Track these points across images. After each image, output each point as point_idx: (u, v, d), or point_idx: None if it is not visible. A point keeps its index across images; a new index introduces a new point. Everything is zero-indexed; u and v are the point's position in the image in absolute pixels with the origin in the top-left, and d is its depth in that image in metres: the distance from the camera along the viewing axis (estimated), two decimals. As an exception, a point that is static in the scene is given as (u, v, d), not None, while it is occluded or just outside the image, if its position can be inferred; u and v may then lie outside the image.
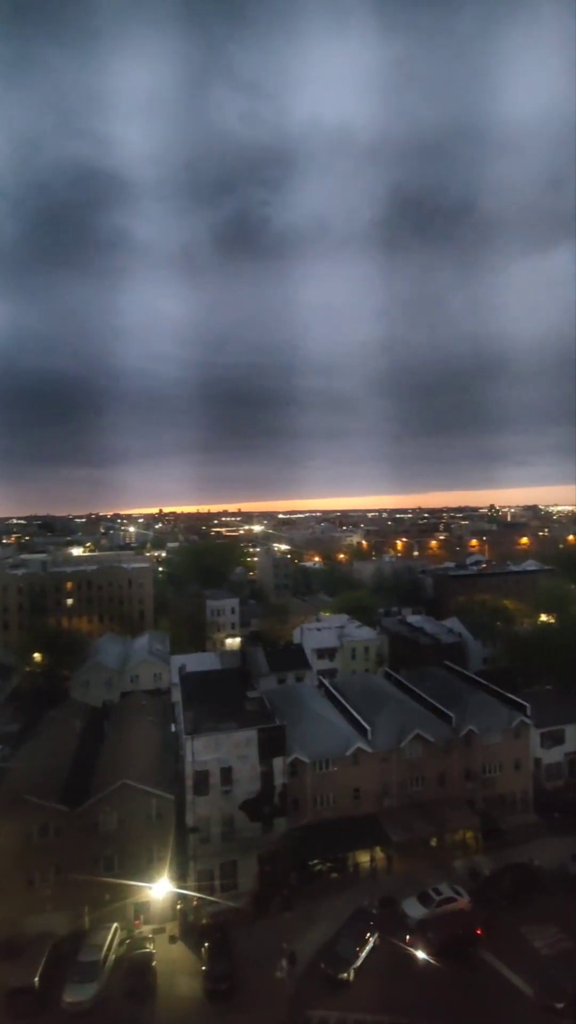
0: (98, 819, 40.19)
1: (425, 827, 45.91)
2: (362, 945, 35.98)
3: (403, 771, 48.14)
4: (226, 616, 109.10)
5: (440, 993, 33.06)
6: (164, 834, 41.36)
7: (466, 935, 36.73)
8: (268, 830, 43.27)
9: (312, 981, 34.36)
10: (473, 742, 50.14)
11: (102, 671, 77.87)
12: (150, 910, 40.25)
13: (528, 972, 34.12)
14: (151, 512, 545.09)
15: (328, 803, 46.14)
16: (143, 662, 79.81)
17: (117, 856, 40.24)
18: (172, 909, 40.41)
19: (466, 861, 45.45)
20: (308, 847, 43.50)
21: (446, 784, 49.31)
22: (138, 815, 40.91)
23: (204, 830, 42.09)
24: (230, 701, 48.27)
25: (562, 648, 72.63)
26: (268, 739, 43.63)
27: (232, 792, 42.67)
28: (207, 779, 42.30)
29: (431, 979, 33.90)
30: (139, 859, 40.54)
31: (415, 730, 48.58)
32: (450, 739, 49.56)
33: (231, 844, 42.35)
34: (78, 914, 39.08)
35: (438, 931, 36.61)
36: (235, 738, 43.03)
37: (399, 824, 45.64)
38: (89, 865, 39.52)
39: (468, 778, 50.02)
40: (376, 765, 47.36)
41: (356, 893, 41.78)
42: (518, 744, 51.80)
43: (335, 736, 48.25)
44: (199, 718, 44.66)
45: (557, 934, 37.17)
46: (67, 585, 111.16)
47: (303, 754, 45.42)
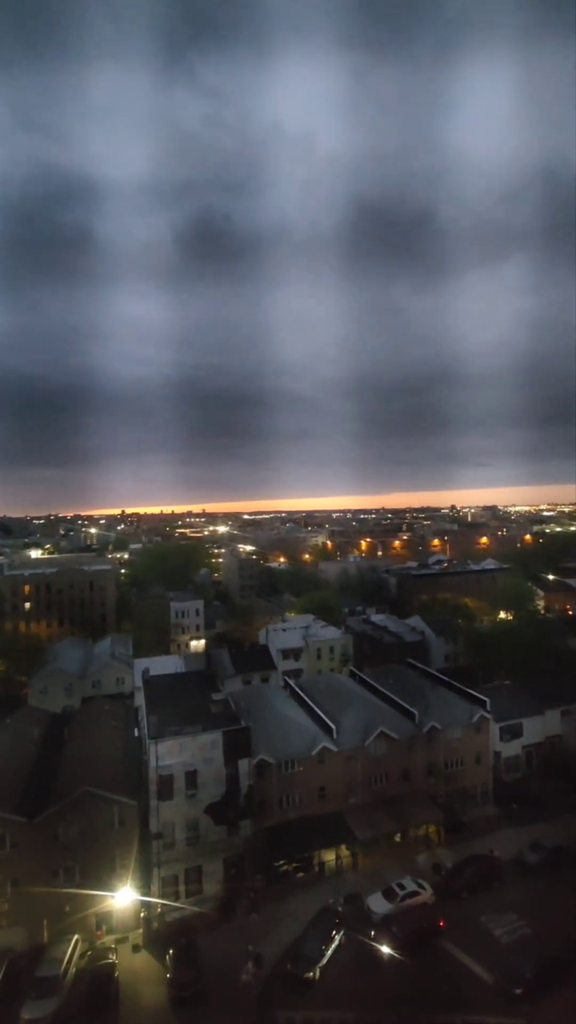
0: (58, 829, 39.05)
1: (390, 823, 46.52)
2: (328, 943, 36.16)
3: (368, 768, 48.66)
4: (190, 618, 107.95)
5: (404, 986, 33.54)
6: (127, 842, 40.54)
7: (429, 928, 37.39)
8: (234, 833, 42.97)
9: (278, 982, 34.32)
10: (435, 738, 51.13)
11: (62, 676, 75.77)
12: (113, 920, 39.36)
13: (488, 960, 35.03)
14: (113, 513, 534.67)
15: (294, 803, 46.19)
16: (105, 666, 78.09)
17: (78, 866, 39.18)
18: (136, 918, 39.65)
19: (429, 855, 46.30)
20: (274, 848, 43.43)
21: (410, 780, 50.12)
22: (100, 823, 39.96)
23: (168, 836, 41.45)
24: (195, 704, 47.75)
25: (520, 644, 75.03)
26: (233, 741, 43.35)
27: (197, 796, 42.18)
28: (171, 783, 41.68)
29: (396, 973, 34.35)
30: (101, 868, 39.61)
31: (379, 728, 49.17)
32: (413, 735, 50.39)
33: (196, 849, 41.86)
34: (36, 928, 37.84)
35: (402, 925, 37.13)
36: (200, 741, 42.57)
37: (364, 821, 46.10)
38: (48, 877, 38.36)
39: (431, 773, 50.98)
40: (341, 764, 47.70)
41: (322, 892, 41.97)
42: (478, 738, 53.13)
43: (301, 736, 48.36)
44: (163, 722, 43.98)
45: (515, 922, 38.30)
46: (25, 588, 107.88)
47: (269, 755, 45.33)
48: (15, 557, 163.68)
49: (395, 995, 32.93)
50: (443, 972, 34.75)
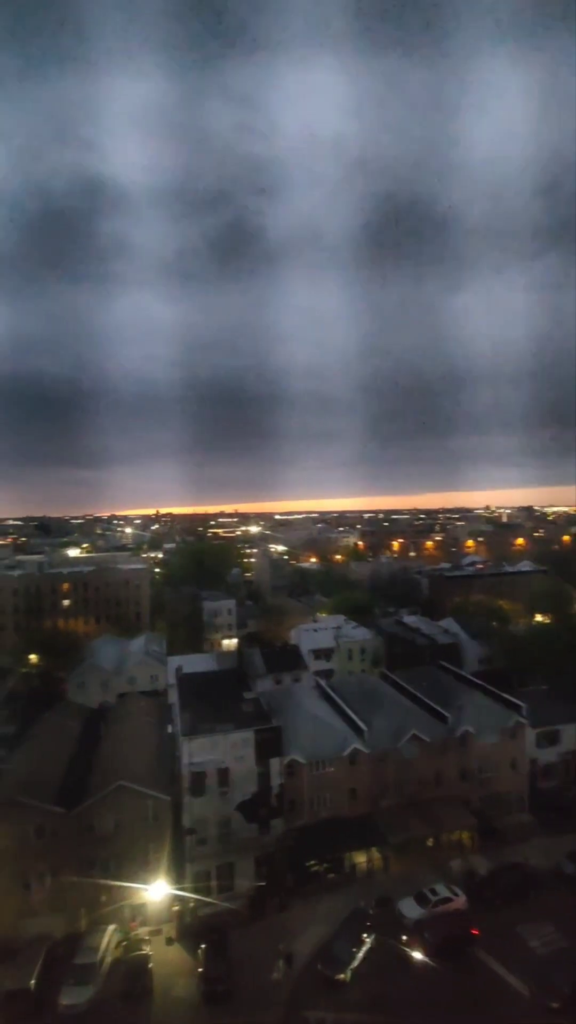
0: (94, 821, 40.12)
1: (421, 827, 46.01)
2: (359, 946, 36.03)
3: (400, 771, 48.23)
4: (223, 617, 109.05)
5: (436, 993, 33.13)
6: (161, 836, 41.33)
7: (462, 935, 36.83)
8: (265, 831, 43.27)
9: (309, 982, 34.39)
10: (469, 742, 50.29)
11: (98, 672, 77.69)
12: (147, 912, 40.20)
13: (524, 972, 34.26)
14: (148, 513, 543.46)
15: (325, 804, 46.18)
16: (140, 663, 79.67)
17: (113, 858, 40.17)
18: (169, 911, 40.37)
19: (462, 861, 45.55)
20: (305, 848, 43.53)
21: (442, 784, 49.44)
22: (135, 817, 40.85)
23: (201, 831, 42.06)
24: (227, 702, 48.27)
25: (557, 648, 73.00)
26: (265, 740, 43.65)
27: (229, 793, 42.66)
28: (204, 780, 42.27)
29: (427, 979, 33.95)
30: (135, 861, 40.50)
31: (411, 730, 48.68)
32: (446, 739, 49.69)
33: (228, 845, 42.33)
34: (74, 916, 39.01)
35: (434, 931, 36.69)
36: (232, 739, 43.02)
37: (396, 824, 45.73)
38: (85, 867, 39.45)
39: (464, 778, 50.16)
40: (373, 765, 47.44)
41: (353, 894, 41.84)
42: (514, 744, 51.98)
43: (332, 737, 48.31)
44: (196, 719, 44.64)
45: (552, 934, 37.31)
46: (63, 586, 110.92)
47: (300, 755, 45.46)
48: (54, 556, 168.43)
49: (427, 1002, 32.56)
50: (476, 981, 34.17)
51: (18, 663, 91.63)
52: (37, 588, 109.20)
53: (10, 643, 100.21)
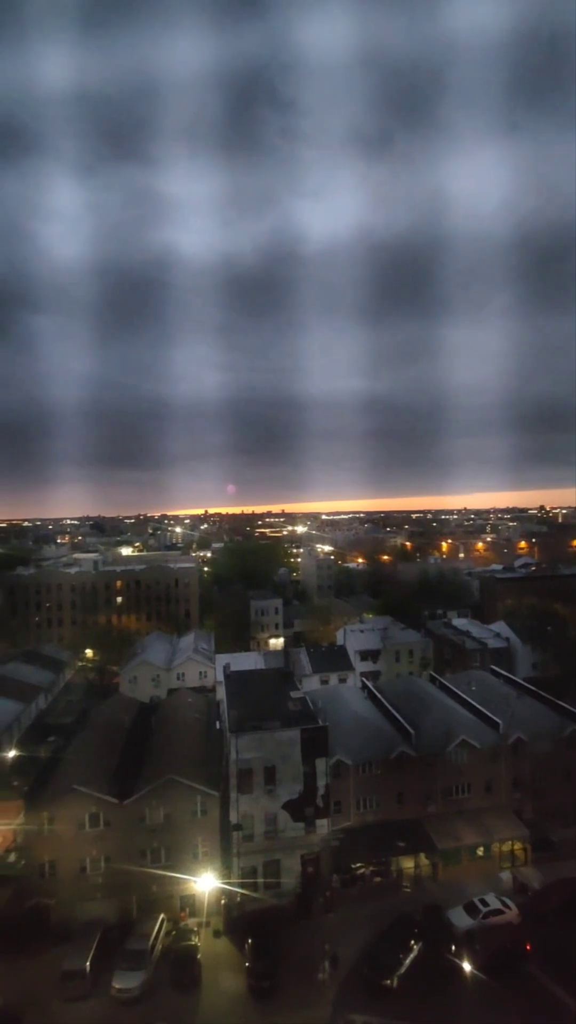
0: (145, 812, 41.34)
1: (471, 835, 44.89)
2: (406, 952, 35.52)
3: (448, 777, 47.23)
4: (270, 616, 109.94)
5: (486, 1007, 32.26)
6: (208, 830, 42.13)
7: (514, 949, 35.70)
8: (311, 831, 43.34)
9: (354, 985, 34.22)
10: (522, 750, 48.64)
11: (149, 668, 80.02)
12: (195, 903, 41.08)
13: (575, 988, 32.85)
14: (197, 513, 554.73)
15: (371, 806, 45.81)
16: (189, 660, 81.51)
17: (163, 849, 41.27)
18: (216, 904, 41.10)
19: (514, 873, 44.15)
20: (351, 849, 43.33)
21: (493, 792, 48.05)
22: (184, 810, 41.83)
23: (247, 828, 42.57)
24: (273, 700, 48.66)
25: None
26: (311, 739, 43.71)
27: (275, 791, 42.98)
28: (250, 777, 42.77)
29: (477, 992, 33.11)
30: (184, 853, 41.46)
31: (461, 735, 47.56)
32: (497, 746, 48.26)
33: (274, 843, 42.67)
34: (126, 903, 40.32)
35: (485, 943, 35.74)
36: (278, 737, 43.33)
37: (444, 831, 44.82)
38: (136, 856, 40.73)
39: (516, 787, 48.56)
40: (420, 770, 46.65)
41: (399, 899, 41.35)
42: (571, 753, 49.86)
43: (378, 739, 47.84)
44: (243, 716, 45.22)
45: (612, 954, 35.58)
46: (117, 584, 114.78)
47: (346, 756, 45.28)
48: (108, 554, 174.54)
49: (476, 1015, 31.77)
50: (529, 998, 33.01)
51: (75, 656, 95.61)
52: (92, 585, 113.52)
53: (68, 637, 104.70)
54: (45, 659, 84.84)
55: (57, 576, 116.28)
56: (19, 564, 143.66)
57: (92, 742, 49.38)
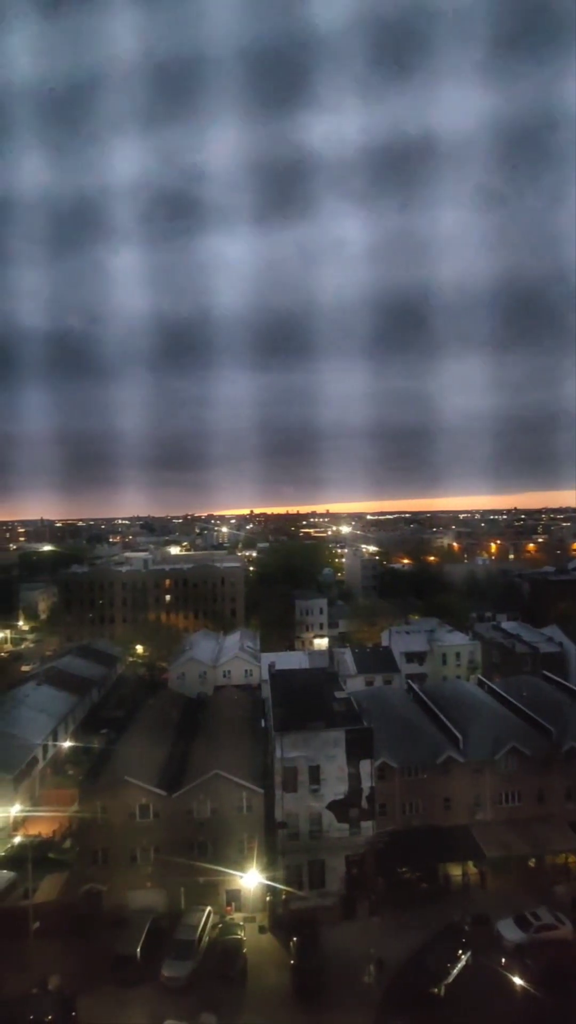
0: (192, 806, 42.27)
1: (522, 846, 43.55)
2: (453, 961, 34.84)
3: (497, 784, 45.99)
4: (314, 616, 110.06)
5: (533, 1022, 31.27)
6: (254, 826, 42.66)
7: (568, 966, 34.39)
8: (355, 832, 43.17)
9: (400, 992, 33.84)
10: None
11: (197, 665, 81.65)
12: (240, 898, 41.69)
13: None
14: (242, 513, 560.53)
15: (417, 811, 45.18)
16: (235, 658, 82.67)
17: (210, 843, 42.07)
18: (261, 900, 41.57)
19: (568, 887, 42.53)
20: (396, 853, 42.86)
21: (545, 802, 46.43)
22: (230, 805, 42.52)
23: (292, 826, 42.84)
24: (318, 700, 48.74)
25: None
26: (355, 741, 43.54)
27: (320, 791, 43.07)
28: (295, 776, 43.01)
29: (528, 1007, 32.11)
30: (230, 848, 42.11)
31: (511, 742, 46.20)
32: (550, 754, 46.62)
33: (319, 843, 42.76)
34: (174, 894, 41.34)
35: (537, 957, 34.62)
36: (323, 737, 43.39)
37: (493, 839, 43.66)
38: (184, 849, 41.67)
39: (570, 798, 46.75)
40: (468, 776, 45.65)
41: (447, 907, 40.53)
42: (629, 766, 47.55)
43: (424, 743, 47.15)
44: (288, 715, 45.53)
45: None
46: (166, 582, 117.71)
47: (391, 758, 44.85)
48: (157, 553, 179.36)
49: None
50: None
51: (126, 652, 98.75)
52: (143, 583, 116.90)
53: (120, 633, 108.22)
54: (98, 654, 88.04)
55: (109, 574, 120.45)
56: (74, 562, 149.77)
57: (142, 735, 50.89)
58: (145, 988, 34.38)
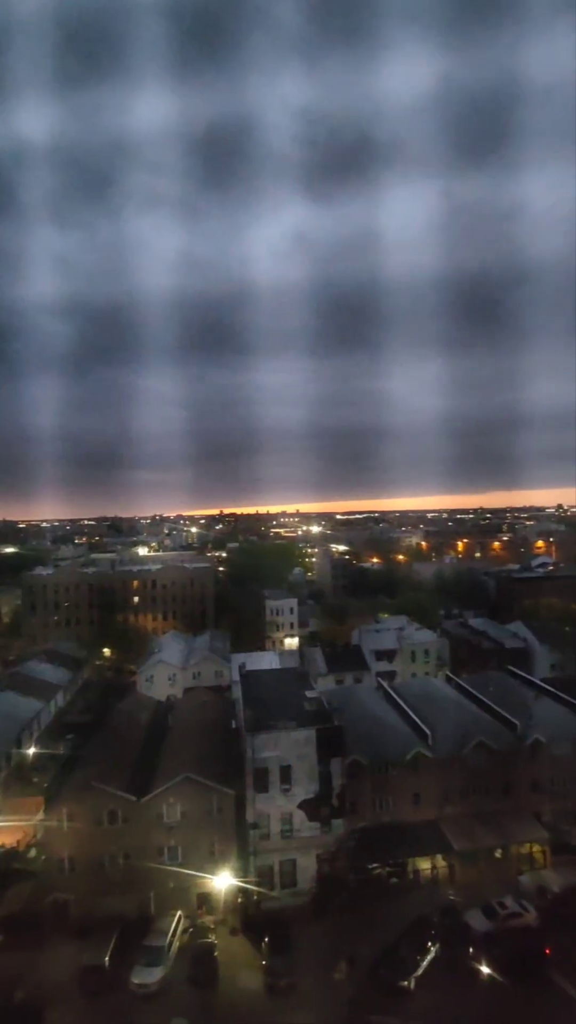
0: (162, 809, 41.68)
1: (489, 837, 44.51)
2: (423, 954, 35.38)
3: (465, 778, 46.87)
4: (285, 616, 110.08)
5: (505, 1010, 31.99)
6: (225, 828, 42.35)
7: (534, 953, 35.33)
8: (327, 831, 43.35)
9: (371, 986, 34.14)
10: (540, 752, 48.07)
11: (166, 667, 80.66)
12: (211, 901, 41.34)
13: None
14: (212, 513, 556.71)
15: (387, 807, 45.65)
16: (205, 659, 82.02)
17: (180, 846, 41.57)
18: (233, 902, 41.31)
19: (533, 876, 43.68)
20: (367, 850, 43.25)
21: (511, 794, 47.56)
22: (200, 808, 42.09)
23: (263, 827, 42.72)
24: (289, 700, 48.76)
25: None
26: (326, 739, 43.72)
27: (291, 790, 43.07)
28: (266, 776, 42.91)
29: (495, 995, 32.85)
30: (201, 851, 41.72)
31: (478, 737, 47.20)
32: (515, 747, 47.79)
33: (290, 842, 42.77)
34: (144, 899, 40.69)
35: (503, 946, 35.43)
36: (294, 737, 43.41)
37: (461, 832, 44.50)
38: (154, 853, 41.09)
39: (535, 789, 48.00)
40: (437, 771, 46.37)
41: (416, 900, 41.10)
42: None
43: (394, 739, 47.69)
44: (259, 716, 45.38)
45: None
46: (133, 584, 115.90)
47: (361, 756, 45.19)
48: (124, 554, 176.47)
49: (494, 1018, 31.52)
50: (548, 1003, 32.68)
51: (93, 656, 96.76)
52: (109, 585, 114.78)
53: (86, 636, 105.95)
54: (64, 658, 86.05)
55: (75, 576, 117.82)
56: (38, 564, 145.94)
57: (110, 740, 49.92)
58: (114, 997, 33.74)
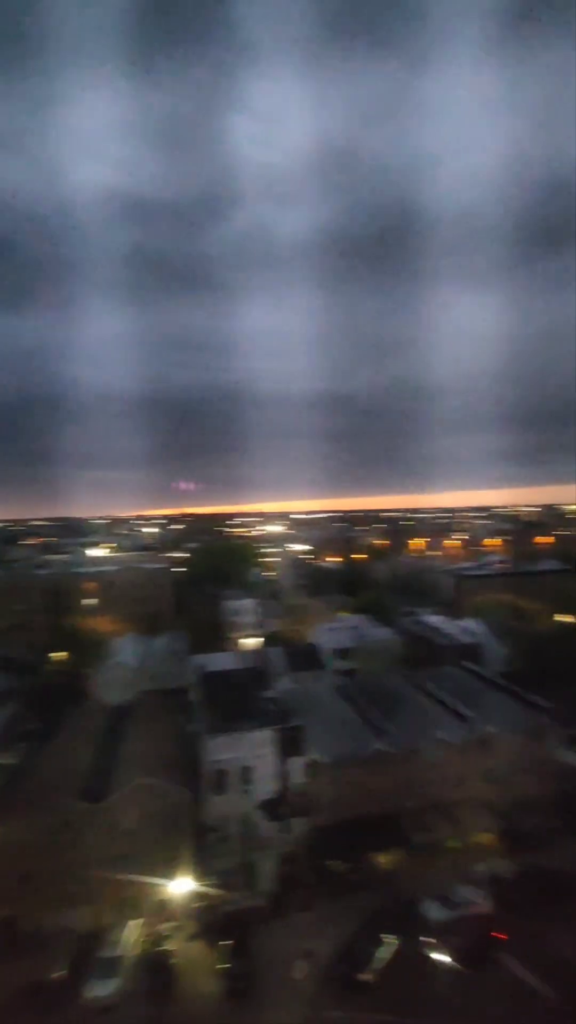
0: (118, 817, 40.72)
1: (444, 829, 45.63)
2: (381, 947, 35.92)
3: (422, 772, 47.86)
4: (243, 616, 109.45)
5: (460, 996, 32.87)
6: (183, 833, 41.74)
7: (487, 938, 36.44)
8: (286, 830, 43.41)
9: (331, 982, 34.40)
10: (492, 743, 49.64)
11: (122, 670, 78.71)
12: (170, 908, 40.65)
13: (551, 978, 33.73)
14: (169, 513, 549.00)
15: (346, 804, 46.03)
16: (162, 662, 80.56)
17: (137, 854, 40.68)
18: (191, 907, 40.77)
19: (486, 864, 45.06)
20: (326, 847, 43.54)
21: (465, 786, 48.91)
22: (157, 813, 41.34)
23: (222, 829, 42.38)
24: (248, 701, 48.55)
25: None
26: (286, 739, 43.79)
27: (250, 791, 42.91)
28: (225, 778, 42.60)
29: (451, 982, 33.73)
30: (158, 857, 40.96)
31: (434, 731, 48.30)
32: (469, 740, 49.16)
33: (249, 844, 42.58)
34: (98, 910, 39.65)
35: (458, 934, 36.38)
36: (253, 737, 43.25)
37: (418, 826, 45.43)
38: (109, 862, 40.06)
39: (488, 780, 49.53)
40: (394, 766, 47.17)
41: (374, 894, 41.72)
42: (538, 746, 51.15)
43: (353, 736, 48.21)
44: (218, 717, 45.00)
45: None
46: (88, 586, 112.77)
47: (321, 754, 45.46)
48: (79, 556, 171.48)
49: (450, 1005, 32.33)
50: (501, 985, 33.78)
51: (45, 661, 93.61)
52: (63, 587, 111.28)
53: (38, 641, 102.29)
54: (15, 663, 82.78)
55: (27, 578, 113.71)
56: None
57: (63, 747, 48.41)
58: (67, 1013, 32.73)
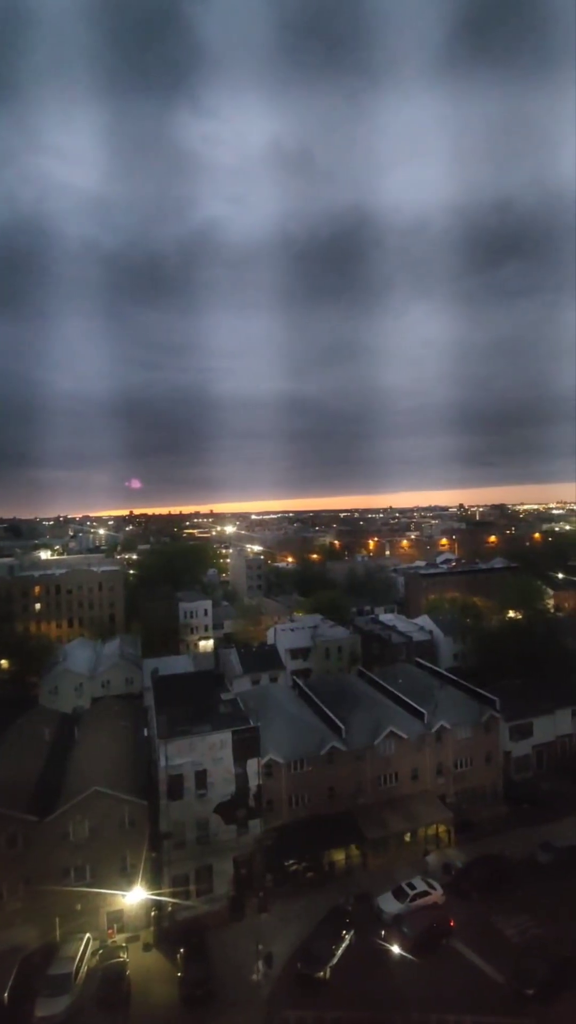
0: (69, 828, 39.30)
1: (399, 823, 46.44)
2: (338, 943, 36.16)
3: (377, 768, 48.60)
4: (199, 618, 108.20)
5: (415, 986, 33.49)
6: (137, 841, 40.73)
7: (440, 927, 37.29)
8: (243, 832, 43.06)
9: (289, 982, 34.35)
10: (445, 737, 50.98)
11: (72, 676, 76.21)
12: (124, 918, 39.59)
13: (500, 961, 34.88)
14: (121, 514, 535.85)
15: (303, 803, 46.21)
16: (114, 666, 78.50)
17: (89, 865, 39.42)
18: (147, 916, 39.84)
19: (439, 855, 46.18)
20: (283, 848, 43.47)
21: (419, 779, 50.01)
22: (110, 822, 40.17)
23: (178, 835, 41.61)
24: (204, 703, 47.87)
25: (530, 643, 74.58)
26: (242, 741, 43.43)
27: (206, 795, 42.32)
28: (181, 783, 41.84)
29: (406, 973, 34.31)
30: (112, 867, 39.82)
31: (388, 727, 49.09)
32: (422, 735, 50.27)
33: (206, 848, 41.99)
34: (49, 926, 38.10)
35: (412, 925, 37.07)
36: (209, 741, 42.69)
37: (374, 821, 46.04)
38: (60, 875, 38.63)
39: (440, 773, 50.84)
40: (350, 763, 47.67)
41: (332, 891, 42.00)
42: (488, 738, 52.93)
43: (309, 736, 48.38)
44: (172, 721, 44.16)
45: (527, 922, 38.10)
46: (35, 589, 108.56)
47: (278, 755, 45.39)
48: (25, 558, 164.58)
49: (406, 995, 32.88)
50: (454, 972, 34.65)
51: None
52: (8, 591, 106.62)
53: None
54: (-46, 673, 78.55)
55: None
56: None
57: (8, 759, 46.29)
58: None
